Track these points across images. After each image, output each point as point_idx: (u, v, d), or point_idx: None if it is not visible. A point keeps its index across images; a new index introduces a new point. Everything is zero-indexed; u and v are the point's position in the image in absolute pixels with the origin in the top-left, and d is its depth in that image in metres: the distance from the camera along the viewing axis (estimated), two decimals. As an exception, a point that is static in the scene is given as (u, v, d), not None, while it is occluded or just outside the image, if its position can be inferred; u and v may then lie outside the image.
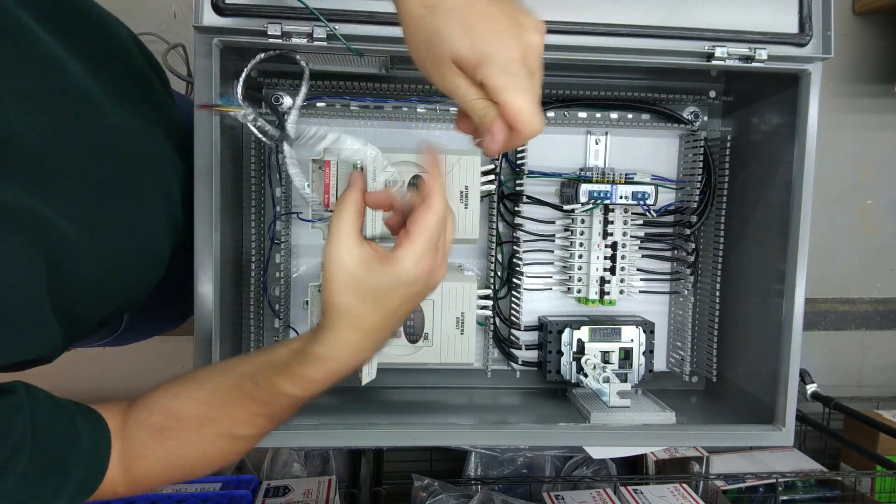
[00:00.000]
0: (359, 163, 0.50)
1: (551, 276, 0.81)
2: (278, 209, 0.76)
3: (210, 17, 0.59)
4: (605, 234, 0.78)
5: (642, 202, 0.74)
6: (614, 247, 0.78)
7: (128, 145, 0.51)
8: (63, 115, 0.44)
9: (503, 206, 0.79)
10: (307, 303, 0.71)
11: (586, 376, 0.74)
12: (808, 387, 1.37)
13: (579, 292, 0.79)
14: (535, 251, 0.80)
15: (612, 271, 0.78)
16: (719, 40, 0.63)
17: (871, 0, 1.52)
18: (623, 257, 0.78)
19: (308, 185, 0.57)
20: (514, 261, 0.78)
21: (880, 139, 1.60)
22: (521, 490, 1.18)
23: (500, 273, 0.79)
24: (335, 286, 0.44)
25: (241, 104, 0.54)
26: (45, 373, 0.50)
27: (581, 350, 0.76)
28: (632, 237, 0.78)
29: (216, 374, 0.50)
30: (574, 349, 0.76)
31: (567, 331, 0.76)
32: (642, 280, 0.81)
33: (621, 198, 0.74)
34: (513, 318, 0.79)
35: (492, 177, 0.76)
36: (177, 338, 1.37)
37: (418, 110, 0.76)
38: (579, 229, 0.78)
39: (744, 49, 0.63)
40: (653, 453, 1.24)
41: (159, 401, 0.49)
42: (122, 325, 0.66)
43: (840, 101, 1.58)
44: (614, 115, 0.79)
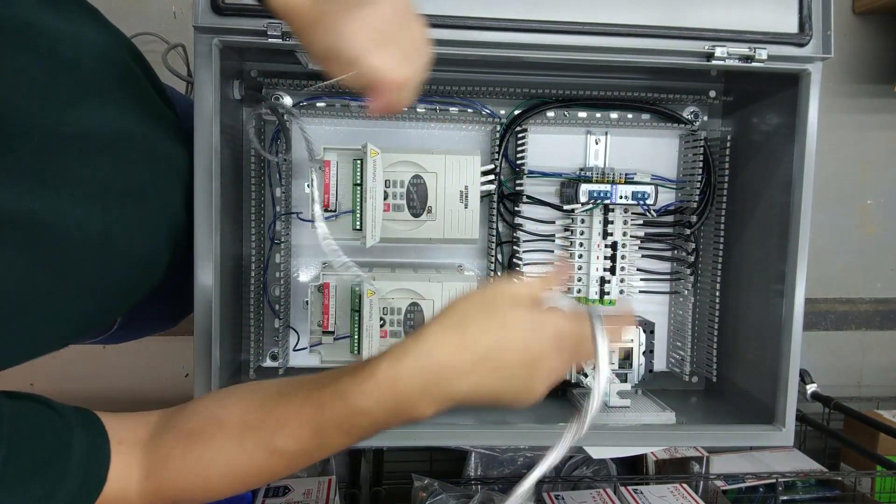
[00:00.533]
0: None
1: (551, 276, 0.81)
2: (278, 209, 0.76)
3: (210, 18, 0.59)
4: (605, 234, 0.78)
5: (642, 202, 0.74)
6: (614, 247, 0.78)
7: (127, 146, 0.51)
8: (63, 115, 0.44)
9: (503, 206, 0.79)
10: (307, 303, 0.71)
11: (586, 376, 0.74)
12: (808, 387, 1.37)
13: (579, 292, 0.79)
14: (535, 251, 0.80)
15: (612, 271, 0.78)
16: (719, 40, 0.63)
17: (870, 0, 1.52)
18: (623, 257, 0.78)
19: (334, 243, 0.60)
20: (514, 261, 0.78)
21: (880, 139, 1.60)
22: (521, 490, 1.18)
23: (500, 273, 0.79)
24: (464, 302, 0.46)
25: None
26: (45, 373, 0.50)
27: (581, 350, 0.75)
28: (632, 237, 0.78)
29: (278, 381, 0.47)
30: (574, 349, 0.75)
31: (567, 331, 0.76)
32: (642, 280, 0.81)
33: (621, 198, 0.74)
34: (513, 318, 0.79)
35: (492, 177, 0.76)
36: (176, 338, 1.37)
37: (418, 110, 0.76)
38: (579, 229, 0.78)
39: (744, 49, 0.63)
40: (653, 453, 1.24)
41: (203, 406, 0.46)
42: (116, 324, 0.66)
43: (840, 101, 1.58)
44: (614, 115, 0.79)
